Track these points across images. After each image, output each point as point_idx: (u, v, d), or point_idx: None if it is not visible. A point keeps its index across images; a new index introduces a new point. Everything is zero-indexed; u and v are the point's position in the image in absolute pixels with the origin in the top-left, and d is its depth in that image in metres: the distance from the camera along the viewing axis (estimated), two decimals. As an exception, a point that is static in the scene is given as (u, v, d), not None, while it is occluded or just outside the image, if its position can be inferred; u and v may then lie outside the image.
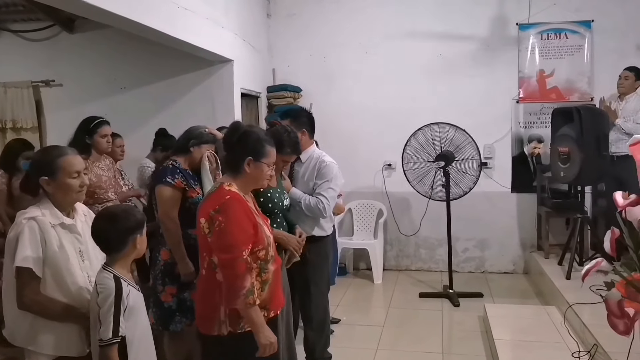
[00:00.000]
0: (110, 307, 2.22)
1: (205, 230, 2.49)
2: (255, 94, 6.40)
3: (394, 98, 6.62)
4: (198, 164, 3.58)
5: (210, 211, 2.47)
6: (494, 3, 6.44)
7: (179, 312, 3.44)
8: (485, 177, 6.54)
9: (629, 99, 5.70)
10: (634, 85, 5.69)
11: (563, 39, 6.24)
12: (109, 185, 4.17)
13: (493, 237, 6.68)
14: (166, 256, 3.45)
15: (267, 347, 2.49)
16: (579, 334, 4.08)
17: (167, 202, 3.39)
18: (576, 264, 5.19)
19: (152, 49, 5.31)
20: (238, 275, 2.42)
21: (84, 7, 3.42)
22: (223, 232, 2.44)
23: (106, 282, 2.27)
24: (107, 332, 2.21)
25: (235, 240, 2.44)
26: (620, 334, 2.52)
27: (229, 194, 2.51)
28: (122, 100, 5.71)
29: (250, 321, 2.47)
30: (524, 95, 6.35)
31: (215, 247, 2.48)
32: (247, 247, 2.46)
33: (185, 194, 3.43)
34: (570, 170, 5.22)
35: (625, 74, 5.72)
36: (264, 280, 2.58)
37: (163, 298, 3.44)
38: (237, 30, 5.72)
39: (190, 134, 3.60)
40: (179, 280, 3.41)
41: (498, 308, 5.09)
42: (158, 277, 3.47)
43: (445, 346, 4.57)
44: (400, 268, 6.92)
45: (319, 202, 3.73)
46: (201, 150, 3.57)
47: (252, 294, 2.43)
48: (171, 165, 3.48)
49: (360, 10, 6.72)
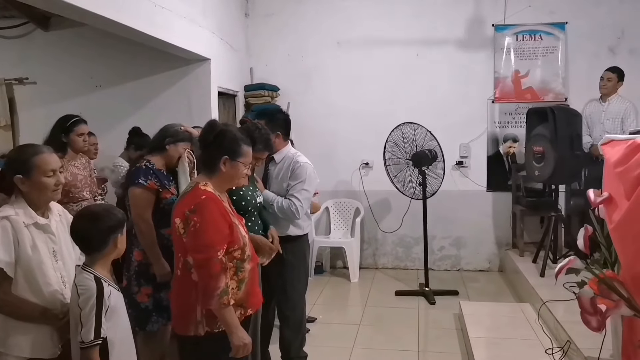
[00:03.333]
0: (92, 309, 2.20)
1: (180, 230, 2.47)
2: (232, 92, 6.38)
3: (372, 97, 6.66)
4: (174, 162, 3.55)
5: (186, 211, 2.45)
6: (470, 4, 6.49)
7: (155, 312, 3.41)
8: (461, 176, 6.63)
9: (611, 100, 5.72)
10: (616, 87, 5.70)
11: (538, 40, 6.32)
12: (85, 184, 4.13)
13: (469, 235, 6.74)
14: (140, 257, 3.41)
15: (241, 349, 2.47)
16: (552, 330, 4.13)
17: (140, 203, 3.36)
18: (550, 261, 5.25)
19: (128, 47, 5.25)
20: (213, 275, 2.40)
21: (60, 4, 3.37)
22: (198, 232, 2.42)
23: (87, 283, 2.24)
24: (89, 333, 2.18)
25: (211, 241, 2.43)
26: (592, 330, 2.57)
27: (205, 194, 2.49)
28: (98, 99, 5.63)
29: (224, 322, 2.46)
30: (500, 95, 6.41)
31: (190, 247, 2.46)
32: (222, 248, 2.45)
33: (159, 195, 3.40)
34: (544, 169, 5.28)
35: (607, 75, 5.71)
36: (240, 279, 2.57)
37: (139, 299, 3.40)
38: (215, 29, 5.70)
39: (166, 132, 3.57)
40: (155, 281, 3.38)
41: (473, 306, 5.13)
42: (132, 278, 3.42)
43: (421, 344, 4.59)
44: (377, 266, 6.95)
45: (291, 204, 3.69)
46: (177, 149, 3.54)
47: (227, 294, 2.42)
48: (144, 166, 3.43)
49: (338, 11, 6.73)
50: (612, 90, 5.72)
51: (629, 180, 2.47)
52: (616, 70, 5.71)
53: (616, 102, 5.70)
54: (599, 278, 2.53)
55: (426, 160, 5.68)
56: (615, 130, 5.50)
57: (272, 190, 3.81)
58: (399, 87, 6.66)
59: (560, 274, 2.88)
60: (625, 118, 5.60)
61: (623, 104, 5.66)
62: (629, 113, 5.61)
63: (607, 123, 5.67)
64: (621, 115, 5.63)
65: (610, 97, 5.73)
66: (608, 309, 2.49)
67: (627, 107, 5.63)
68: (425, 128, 5.71)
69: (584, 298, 2.55)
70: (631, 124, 5.49)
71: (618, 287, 2.46)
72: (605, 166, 2.93)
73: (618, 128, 5.55)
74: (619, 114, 5.64)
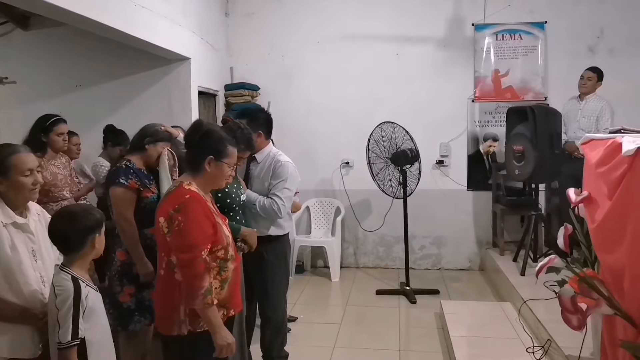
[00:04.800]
0: (69, 309, 2.19)
1: (165, 229, 2.47)
2: (213, 92, 6.35)
3: (352, 97, 6.66)
4: (154, 162, 3.54)
5: (170, 210, 2.44)
6: (450, 4, 6.51)
7: (137, 311, 3.40)
8: (442, 175, 6.65)
9: (588, 99, 5.77)
10: (595, 86, 5.75)
11: (517, 39, 6.35)
12: (65, 183, 4.12)
13: (449, 234, 6.76)
14: (122, 257, 3.40)
15: (224, 348, 2.47)
16: (533, 329, 4.15)
17: (122, 203, 3.36)
18: (531, 260, 5.29)
19: (108, 47, 5.21)
20: (196, 275, 2.40)
21: (40, 4, 3.36)
22: (182, 231, 2.42)
23: (64, 283, 2.23)
24: (66, 334, 2.18)
25: (195, 240, 2.42)
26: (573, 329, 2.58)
27: (189, 194, 2.49)
28: (78, 99, 5.59)
29: (208, 321, 2.45)
30: (480, 94, 6.44)
31: (174, 247, 2.45)
32: (206, 247, 2.45)
33: (140, 194, 3.40)
34: (524, 168, 5.31)
35: (588, 74, 5.76)
36: (223, 278, 2.57)
37: (121, 298, 3.39)
38: (195, 28, 5.68)
39: (146, 132, 3.57)
40: (137, 280, 3.38)
41: (454, 305, 5.14)
42: (115, 277, 3.41)
43: (402, 343, 4.59)
44: (358, 265, 6.95)
45: (273, 203, 3.70)
46: (157, 148, 3.53)
47: (210, 294, 2.42)
48: (124, 165, 3.44)
49: (319, 10, 6.73)
50: (591, 90, 5.77)
51: (611, 181, 2.49)
52: (596, 70, 5.77)
53: (593, 101, 5.76)
54: (580, 277, 2.54)
55: (406, 160, 5.68)
56: (590, 128, 5.58)
57: (254, 190, 3.81)
58: (379, 87, 6.66)
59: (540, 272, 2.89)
60: (600, 117, 5.67)
61: (599, 103, 5.72)
62: (604, 112, 5.67)
63: (583, 121, 5.74)
64: (597, 113, 5.69)
65: (588, 96, 5.79)
66: (589, 308, 2.50)
67: (602, 106, 5.69)
68: (403, 127, 5.72)
69: (564, 297, 2.55)
70: (606, 123, 5.57)
71: (598, 285, 2.47)
72: (586, 166, 2.95)
73: (593, 126, 5.62)
74: (595, 113, 5.70)
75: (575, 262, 2.86)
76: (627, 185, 2.38)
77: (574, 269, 2.71)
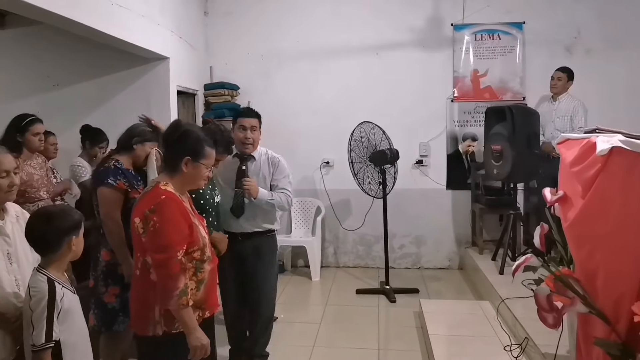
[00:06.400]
0: (43, 311, 2.17)
1: (140, 230, 2.45)
2: (192, 91, 6.32)
3: (332, 96, 6.67)
4: (141, 162, 3.54)
5: (145, 211, 2.43)
6: (429, 4, 6.54)
7: (122, 312, 3.39)
8: (421, 175, 6.69)
9: (561, 100, 5.87)
10: (566, 86, 5.86)
11: (496, 39, 6.40)
12: (41, 184, 4.09)
13: (429, 233, 6.79)
14: (107, 257, 3.39)
15: (198, 349, 2.46)
16: (511, 327, 4.18)
17: (110, 203, 3.34)
18: (509, 259, 5.32)
19: (86, 46, 5.17)
20: (172, 275, 2.39)
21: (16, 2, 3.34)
22: (157, 232, 2.40)
23: (39, 285, 2.21)
24: (40, 336, 2.15)
25: (170, 241, 2.41)
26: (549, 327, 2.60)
27: (165, 194, 2.47)
28: (55, 98, 5.55)
29: (183, 322, 2.44)
30: (459, 94, 6.48)
31: (149, 247, 2.44)
32: (181, 248, 2.44)
33: (127, 195, 3.38)
34: (503, 168, 5.34)
35: (558, 74, 5.87)
36: (199, 279, 2.56)
37: (106, 299, 3.38)
38: (173, 27, 5.65)
39: (133, 132, 3.56)
40: (123, 281, 3.36)
41: (433, 303, 5.16)
42: (100, 278, 3.40)
43: (382, 342, 4.61)
44: (339, 265, 6.96)
45: (287, 196, 3.85)
46: (144, 148, 3.53)
47: (186, 295, 2.41)
48: (113, 166, 3.42)
49: (298, 9, 6.73)
50: (562, 90, 5.87)
51: (585, 180, 2.51)
52: (566, 70, 5.87)
53: (565, 101, 5.86)
54: (555, 275, 2.56)
55: (385, 159, 5.69)
56: (565, 127, 5.67)
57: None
58: (359, 86, 6.68)
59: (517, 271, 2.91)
60: (574, 116, 5.77)
61: (572, 102, 5.82)
62: (577, 111, 5.77)
63: (558, 121, 5.83)
64: (570, 113, 5.79)
65: (561, 96, 5.89)
66: (564, 306, 2.52)
67: (575, 105, 5.79)
68: (380, 127, 5.74)
69: (540, 295, 2.57)
70: (579, 121, 5.68)
71: (573, 284, 2.49)
72: (562, 165, 2.97)
73: (567, 125, 5.72)
74: (568, 112, 5.79)
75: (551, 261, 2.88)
76: (600, 184, 2.41)
77: (550, 267, 2.74)
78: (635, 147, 2.29)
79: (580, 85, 5.89)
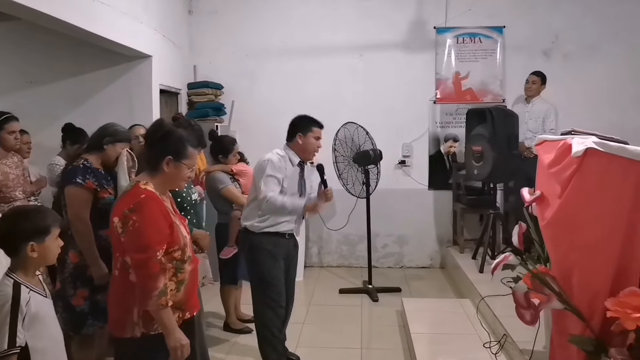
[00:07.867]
0: (5, 316, 2.09)
1: (119, 229, 2.39)
2: (175, 90, 6.32)
3: (316, 97, 6.65)
4: (111, 162, 3.45)
5: (125, 210, 2.38)
6: (413, 7, 6.60)
7: (91, 315, 3.31)
8: (404, 175, 6.75)
9: (534, 102, 6.10)
10: (539, 89, 6.09)
11: (477, 43, 6.48)
12: (17, 183, 4.00)
13: (411, 233, 6.85)
14: (75, 259, 3.30)
15: (177, 350, 2.41)
16: (490, 325, 4.23)
17: (78, 203, 3.26)
18: (489, 257, 5.38)
19: (65, 43, 5.12)
20: (151, 275, 2.34)
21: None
22: (137, 231, 2.36)
23: (4, 289, 2.14)
24: (2, 342, 2.07)
25: (150, 241, 2.36)
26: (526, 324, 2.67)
27: (145, 193, 2.43)
28: (32, 96, 5.46)
29: (162, 323, 2.39)
30: (441, 96, 6.55)
31: (128, 247, 2.39)
32: (161, 248, 2.39)
33: (96, 195, 3.30)
34: (483, 168, 5.42)
35: (532, 78, 6.08)
36: (179, 280, 2.51)
37: (74, 302, 3.29)
38: (157, 25, 5.64)
39: (105, 132, 3.47)
40: (92, 283, 3.28)
41: (415, 302, 5.20)
42: (68, 280, 3.31)
43: (364, 341, 4.64)
44: (322, 265, 6.99)
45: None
46: (116, 149, 3.44)
47: (165, 295, 2.36)
48: (82, 164, 3.34)
49: (283, 9, 6.76)
50: (535, 93, 6.11)
51: (562, 180, 2.58)
52: (540, 74, 6.10)
53: (538, 104, 6.09)
54: (532, 273, 2.62)
55: (369, 160, 5.75)
56: (537, 129, 5.88)
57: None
58: (343, 87, 6.73)
59: (496, 270, 2.97)
60: (546, 118, 5.99)
61: (544, 105, 6.06)
62: (549, 113, 6.00)
63: (530, 122, 6.04)
64: (542, 115, 6.01)
65: (534, 99, 6.11)
66: (541, 303, 2.58)
67: (547, 108, 6.03)
68: (364, 128, 5.80)
69: (518, 293, 2.64)
70: (551, 124, 5.93)
71: (550, 281, 2.55)
72: (539, 166, 3.04)
73: (540, 127, 5.93)
74: (541, 114, 6.02)
75: (529, 259, 2.95)
76: (575, 184, 2.48)
77: (528, 265, 2.81)
78: (608, 148, 2.36)
79: (558, 88, 6.05)
